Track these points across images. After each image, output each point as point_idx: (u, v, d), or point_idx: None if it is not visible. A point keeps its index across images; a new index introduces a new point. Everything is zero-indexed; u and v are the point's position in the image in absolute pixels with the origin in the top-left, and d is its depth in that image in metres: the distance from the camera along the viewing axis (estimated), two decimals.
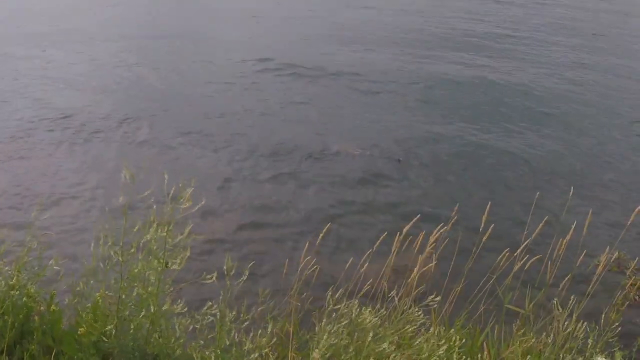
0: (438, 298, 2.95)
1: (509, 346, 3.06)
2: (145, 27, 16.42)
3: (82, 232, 5.95)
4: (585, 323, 3.04)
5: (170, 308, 3.10)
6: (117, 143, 8.39)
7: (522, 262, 3.04)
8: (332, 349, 3.06)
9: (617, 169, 8.32)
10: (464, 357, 3.04)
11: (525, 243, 2.96)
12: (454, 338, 3.03)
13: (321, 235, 3.11)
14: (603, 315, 3.07)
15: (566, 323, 3.02)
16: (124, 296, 3.16)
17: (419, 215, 3.09)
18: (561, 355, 3.01)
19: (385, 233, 3.08)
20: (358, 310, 3.07)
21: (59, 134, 8.57)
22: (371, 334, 2.92)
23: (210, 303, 3.06)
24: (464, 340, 3.07)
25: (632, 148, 9.17)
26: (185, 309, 3.02)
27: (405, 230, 2.98)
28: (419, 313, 3.02)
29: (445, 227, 2.95)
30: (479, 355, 2.97)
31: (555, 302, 3.01)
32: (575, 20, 19.16)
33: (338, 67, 12.60)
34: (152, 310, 3.03)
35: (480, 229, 2.99)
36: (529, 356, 2.95)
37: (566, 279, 3.04)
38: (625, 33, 17.97)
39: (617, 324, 3.08)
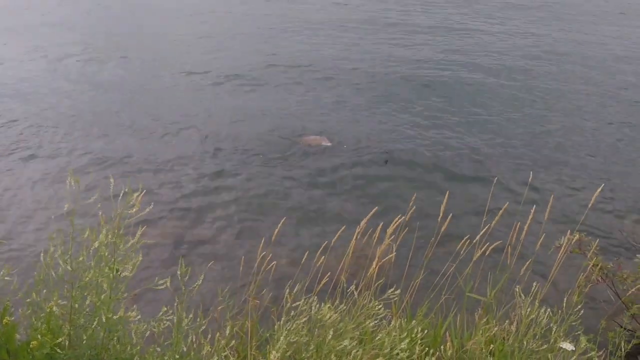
0: (398, 291, 2.89)
1: (471, 336, 3.02)
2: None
3: (37, 242, 5.81)
4: (548, 308, 3.01)
5: (124, 315, 3.01)
6: (64, 149, 8.20)
7: (482, 250, 2.99)
8: (292, 347, 3.00)
9: (577, 154, 8.37)
10: (427, 348, 2.99)
11: (484, 230, 2.91)
12: (415, 330, 2.98)
13: (276, 231, 3.03)
14: (565, 299, 3.04)
15: (529, 309, 2.98)
16: (76, 305, 3.07)
17: (376, 208, 3.02)
18: (525, 342, 2.97)
19: (344, 226, 3.00)
20: (317, 306, 3.00)
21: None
22: (331, 331, 2.85)
23: (166, 308, 2.97)
24: (426, 332, 3.02)
25: (590, 132, 9.23)
26: (139, 317, 2.92)
27: (363, 223, 2.91)
28: (380, 307, 2.96)
29: (404, 217, 2.88)
30: (442, 347, 2.92)
31: (517, 289, 2.97)
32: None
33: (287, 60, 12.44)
34: (104, 318, 2.93)
35: (439, 219, 2.93)
36: (492, 345, 2.91)
37: (527, 264, 2.99)
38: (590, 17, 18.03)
39: (579, 306, 3.04)
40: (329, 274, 3.09)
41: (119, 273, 2.90)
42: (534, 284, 2.98)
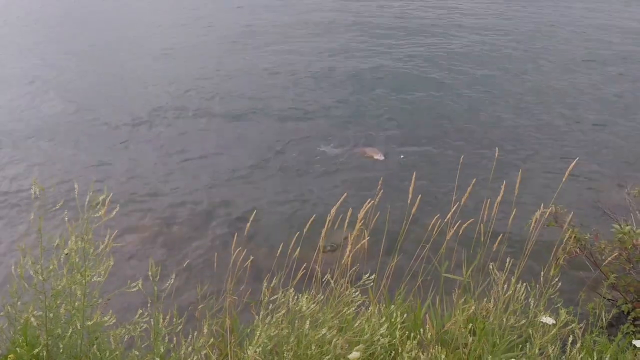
0: (373, 276, 2.87)
1: (451, 316, 3.00)
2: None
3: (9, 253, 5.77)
4: (525, 283, 3.00)
5: (99, 321, 2.98)
6: (30, 157, 8.14)
7: (455, 228, 2.98)
8: (273, 340, 2.97)
9: (547, 129, 8.41)
10: (407, 332, 2.97)
11: (455, 207, 2.89)
12: (394, 314, 2.97)
13: (248, 224, 3.00)
14: (542, 273, 3.03)
15: (505, 286, 2.97)
16: (51, 315, 3.03)
17: (345, 194, 2.99)
18: (504, 319, 2.96)
19: (314, 215, 2.98)
20: (295, 298, 2.98)
21: None
22: (308, 321, 2.83)
23: (141, 311, 2.94)
24: (405, 315, 3.00)
25: (560, 104, 9.28)
26: (113, 321, 2.89)
27: (333, 210, 2.88)
28: (357, 293, 2.95)
29: (373, 201, 2.86)
30: (421, 330, 2.91)
31: (491, 266, 2.96)
32: None
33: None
34: (78, 326, 2.90)
35: (409, 200, 2.91)
36: (470, 324, 2.90)
37: (499, 239, 2.98)
38: None
39: (557, 279, 3.04)
40: (304, 265, 3.06)
41: (90, 278, 2.87)
42: (508, 259, 2.97)
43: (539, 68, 11.20)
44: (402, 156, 7.72)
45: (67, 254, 2.92)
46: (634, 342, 2.56)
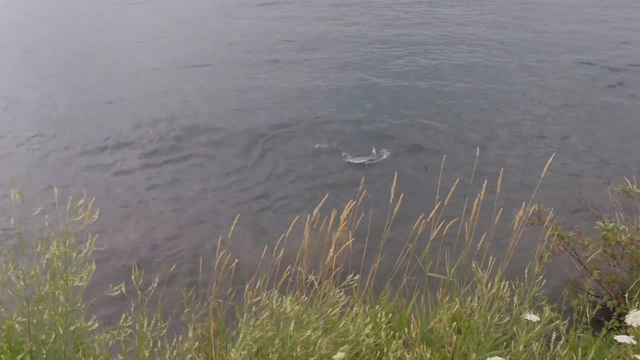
0: (357, 277, 2.87)
1: (436, 315, 3.01)
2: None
3: None
4: (509, 281, 3.01)
5: (82, 326, 2.96)
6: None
7: (438, 228, 2.98)
8: (258, 343, 2.97)
9: (526, 126, 8.46)
10: (392, 332, 2.98)
11: (437, 206, 2.90)
12: (379, 315, 2.97)
13: (232, 227, 2.99)
14: (526, 271, 3.04)
15: (489, 284, 2.98)
16: (35, 320, 3.01)
17: (327, 195, 2.99)
18: (488, 317, 2.97)
19: (297, 217, 2.98)
20: (280, 300, 2.98)
21: None
22: (293, 323, 2.83)
23: (125, 315, 2.93)
24: (390, 315, 3.01)
25: (537, 103, 9.34)
26: (96, 325, 2.87)
27: (315, 211, 2.88)
28: (341, 294, 2.95)
29: (355, 202, 2.86)
30: (406, 329, 2.91)
31: (474, 265, 2.97)
32: None
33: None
34: (61, 331, 2.88)
35: (391, 200, 2.91)
36: (454, 323, 2.90)
37: (482, 238, 2.99)
38: None
39: (541, 277, 3.05)
40: (289, 266, 3.06)
41: (72, 283, 2.85)
42: (491, 258, 2.98)
43: (522, 68, 11.23)
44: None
45: (48, 259, 2.90)
46: (616, 337, 2.57)
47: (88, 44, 15.08)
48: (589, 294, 3.53)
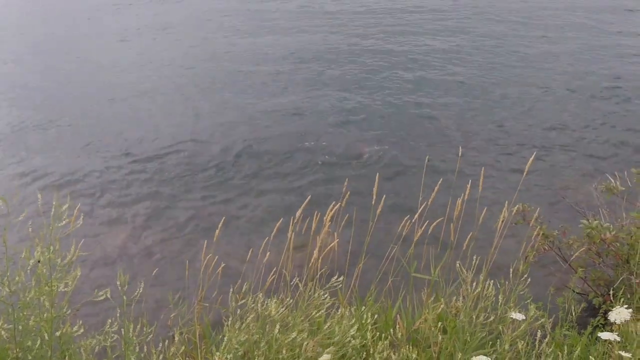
0: (341, 278, 2.88)
1: (422, 316, 3.02)
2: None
3: None
4: (494, 280, 3.03)
5: (68, 331, 2.95)
6: None
7: (422, 229, 3.00)
8: (244, 346, 2.97)
9: (507, 126, 8.49)
10: (378, 333, 2.99)
11: (422, 207, 2.92)
12: (365, 315, 2.98)
13: (217, 231, 3.00)
14: (511, 269, 3.06)
15: (474, 283, 2.99)
16: (20, 327, 3.01)
17: (310, 196, 3.00)
18: (474, 316, 2.98)
19: (281, 220, 2.99)
20: (265, 303, 2.98)
21: None
22: (278, 326, 2.83)
23: (110, 320, 2.93)
24: (376, 316, 3.02)
25: (518, 102, 9.39)
26: (81, 331, 2.87)
27: (298, 213, 2.89)
28: (326, 296, 2.95)
29: (339, 204, 2.88)
30: (392, 330, 2.92)
31: (458, 264, 2.98)
32: None
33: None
34: (46, 337, 2.88)
35: (373, 202, 2.93)
36: (440, 323, 2.92)
37: (468, 238, 3.01)
38: None
39: (525, 275, 3.07)
40: (274, 269, 3.07)
41: (57, 289, 2.85)
42: (474, 257, 3.00)
43: (507, 65, 11.29)
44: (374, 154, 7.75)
45: (33, 265, 2.90)
46: (600, 334, 2.59)
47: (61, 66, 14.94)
48: (574, 291, 3.55)
